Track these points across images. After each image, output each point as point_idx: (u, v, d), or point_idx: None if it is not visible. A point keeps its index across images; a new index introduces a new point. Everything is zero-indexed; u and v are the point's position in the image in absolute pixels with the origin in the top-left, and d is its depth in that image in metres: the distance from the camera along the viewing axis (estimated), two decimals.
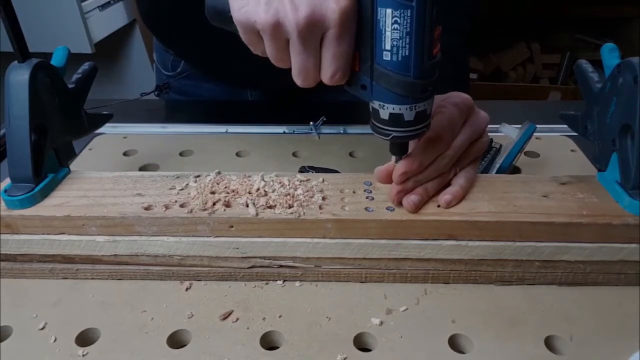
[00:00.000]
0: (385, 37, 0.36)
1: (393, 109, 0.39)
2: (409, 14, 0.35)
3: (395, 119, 0.39)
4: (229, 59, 0.71)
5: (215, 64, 0.81)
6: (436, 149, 0.44)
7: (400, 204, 0.44)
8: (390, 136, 0.40)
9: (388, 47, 0.36)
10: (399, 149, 0.43)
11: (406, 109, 0.39)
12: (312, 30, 0.36)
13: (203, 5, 0.42)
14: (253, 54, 0.43)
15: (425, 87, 0.38)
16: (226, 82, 0.86)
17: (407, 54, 0.36)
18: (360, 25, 0.37)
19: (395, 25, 0.35)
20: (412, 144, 0.44)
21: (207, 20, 0.43)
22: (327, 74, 0.39)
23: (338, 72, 0.38)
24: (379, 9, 0.35)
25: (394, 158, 0.45)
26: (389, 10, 0.35)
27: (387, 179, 0.46)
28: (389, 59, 0.37)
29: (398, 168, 0.44)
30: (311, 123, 0.73)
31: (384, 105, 0.39)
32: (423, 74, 0.37)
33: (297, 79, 0.40)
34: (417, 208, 0.44)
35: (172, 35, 0.81)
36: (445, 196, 0.44)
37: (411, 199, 0.44)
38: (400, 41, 0.36)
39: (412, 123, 0.39)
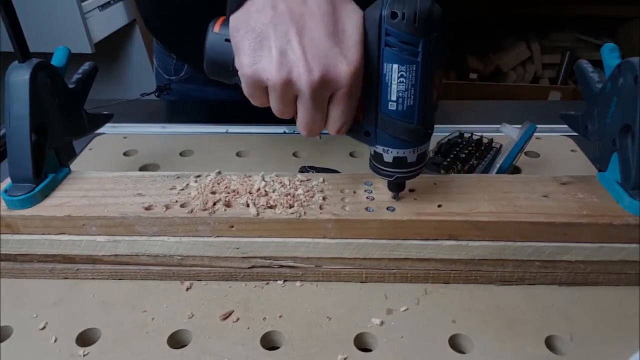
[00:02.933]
0: (391, 89, 0.38)
1: (397, 152, 0.41)
2: (414, 69, 0.37)
3: (399, 162, 0.42)
4: None
5: None
6: None
7: None
8: (394, 177, 0.43)
9: (394, 98, 0.38)
10: (397, 187, 0.45)
11: (409, 152, 0.41)
12: (324, 90, 0.38)
13: (203, 7, 0.43)
14: None
15: (427, 131, 0.40)
16: (231, 86, 0.86)
17: (411, 103, 0.38)
18: (366, 79, 0.38)
19: (402, 79, 0.37)
20: None
21: (207, 22, 0.43)
22: (334, 128, 0.40)
23: (344, 125, 0.40)
24: (385, 64, 0.37)
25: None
26: (395, 66, 0.37)
27: None
28: (394, 108, 0.39)
29: None
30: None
31: (388, 150, 0.41)
32: (425, 120, 0.39)
33: (303, 131, 0.41)
34: None
35: (175, 40, 0.80)
36: None
37: None
38: (406, 92, 0.38)
39: (414, 164, 0.42)
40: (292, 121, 0.75)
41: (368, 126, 0.41)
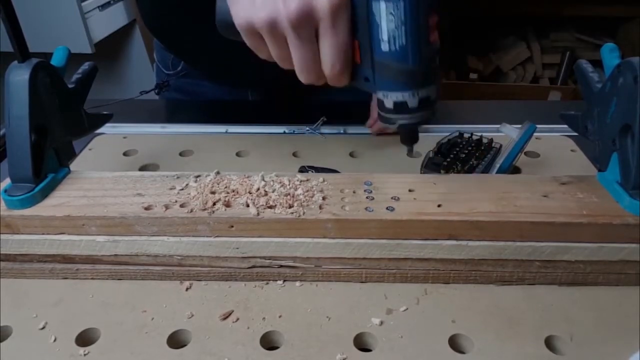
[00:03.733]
0: (381, 28, 0.37)
1: (396, 97, 0.40)
2: (402, 5, 0.36)
3: (399, 107, 0.40)
4: (230, 60, 0.71)
5: (215, 66, 0.81)
6: None
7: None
8: (397, 124, 0.41)
9: (385, 37, 0.37)
10: (409, 138, 0.44)
11: (409, 95, 0.40)
12: (305, 23, 0.38)
13: (203, 7, 0.43)
14: (253, 56, 0.43)
15: (426, 73, 0.39)
16: (226, 83, 0.87)
17: (404, 43, 0.37)
18: (356, 18, 0.38)
19: (390, 17, 0.37)
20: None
21: (207, 22, 0.44)
22: (328, 64, 0.40)
23: (337, 62, 0.39)
24: (372, 2, 0.37)
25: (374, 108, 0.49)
26: (382, 4, 0.36)
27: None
28: (387, 49, 0.38)
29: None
30: (307, 128, 0.73)
31: (387, 95, 0.40)
32: (421, 61, 0.38)
33: (301, 75, 0.41)
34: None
35: (173, 37, 0.81)
36: None
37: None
38: (396, 31, 0.37)
39: (417, 110, 0.41)
40: (292, 121, 0.75)
41: (366, 70, 0.40)
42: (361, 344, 0.41)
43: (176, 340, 0.41)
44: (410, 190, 0.46)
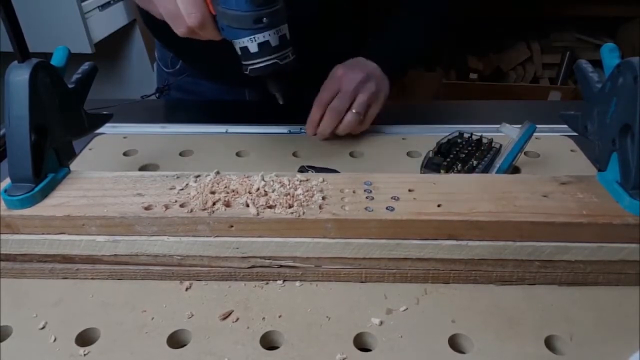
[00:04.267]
0: None
1: (240, 43, 0.43)
2: None
3: (244, 53, 0.44)
4: (226, 58, 0.71)
5: (212, 64, 0.81)
6: (328, 95, 0.67)
7: (321, 137, 0.68)
8: (247, 70, 0.44)
9: None
10: (274, 85, 0.48)
11: (248, 40, 0.42)
12: None
13: None
14: None
15: (258, 18, 0.42)
16: (223, 81, 0.87)
17: None
18: None
19: None
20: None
21: None
22: (186, 14, 0.45)
23: (192, 11, 0.44)
24: None
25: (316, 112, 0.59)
26: None
27: (314, 129, 0.68)
28: None
29: (311, 117, 0.68)
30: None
31: (235, 43, 0.43)
32: (251, 6, 0.41)
33: (173, 28, 0.49)
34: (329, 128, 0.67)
35: (172, 36, 0.81)
36: (341, 125, 0.67)
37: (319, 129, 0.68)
38: None
39: (259, 55, 0.43)
40: (292, 121, 0.76)
41: (220, 21, 0.43)
42: (361, 343, 0.41)
43: (176, 340, 0.41)
44: (410, 190, 0.46)
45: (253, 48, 0.42)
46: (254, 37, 0.42)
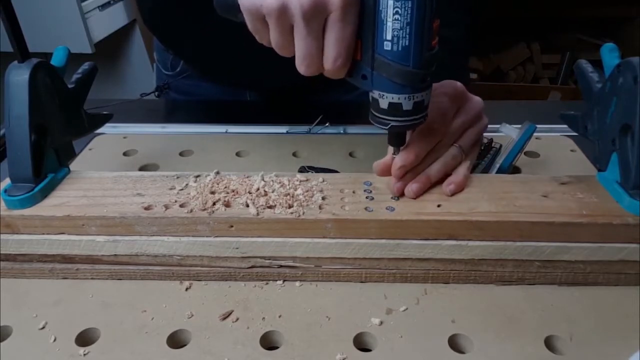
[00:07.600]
0: (386, 27, 0.37)
1: (392, 98, 0.40)
2: (409, 5, 0.36)
3: (394, 109, 0.41)
4: (227, 60, 0.71)
5: (214, 65, 0.81)
6: (430, 139, 0.46)
7: (402, 194, 0.46)
8: (389, 125, 0.42)
9: (389, 37, 0.38)
10: (397, 140, 0.44)
11: (405, 98, 0.40)
12: (316, 13, 0.37)
13: (203, 6, 0.43)
14: (251, 56, 0.43)
15: (424, 77, 0.39)
16: (224, 83, 0.87)
17: (407, 44, 0.38)
18: (362, 15, 0.38)
19: (397, 16, 0.37)
20: (409, 136, 0.46)
21: (206, 21, 0.43)
22: (330, 58, 0.39)
23: (340, 57, 0.39)
24: (380, 0, 0.37)
25: (390, 150, 0.46)
26: (390, 1, 0.36)
27: (387, 172, 0.47)
28: (389, 48, 0.38)
29: (396, 162, 0.45)
30: (309, 128, 0.74)
31: (383, 95, 0.40)
32: (422, 65, 0.38)
33: (301, 66, 0.40)
34: (418, 195, 0.46)
35: (173, 36, 0.81)
36: (449, 186, 0.46)
37: (412, 187, 0.45)
38: (401, 31, 0.37)
39: (411, 113, 0.41)
40: (292, 121, 0.75)
41: (365, 68, 0.40)
42: (361, 344, 0.41)
43: (176, 340, 0.41)
44: None
45: (407, 106, 0.40)
46: (414, 96, 0.40)
